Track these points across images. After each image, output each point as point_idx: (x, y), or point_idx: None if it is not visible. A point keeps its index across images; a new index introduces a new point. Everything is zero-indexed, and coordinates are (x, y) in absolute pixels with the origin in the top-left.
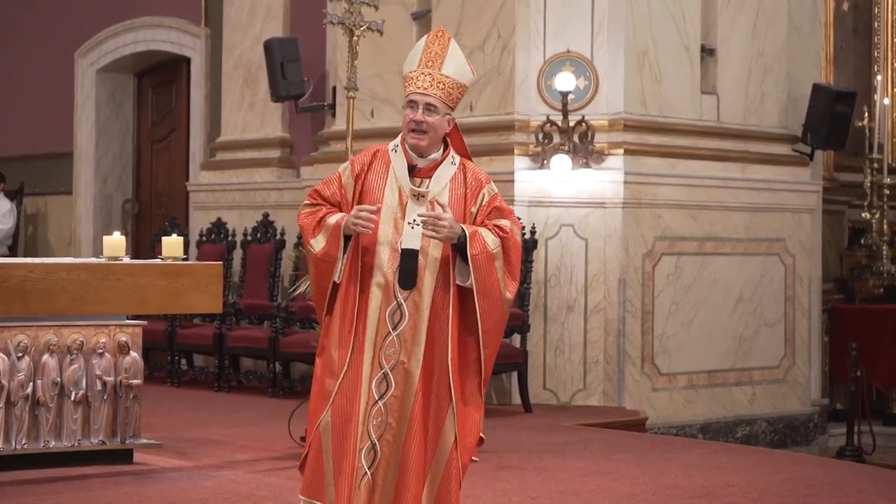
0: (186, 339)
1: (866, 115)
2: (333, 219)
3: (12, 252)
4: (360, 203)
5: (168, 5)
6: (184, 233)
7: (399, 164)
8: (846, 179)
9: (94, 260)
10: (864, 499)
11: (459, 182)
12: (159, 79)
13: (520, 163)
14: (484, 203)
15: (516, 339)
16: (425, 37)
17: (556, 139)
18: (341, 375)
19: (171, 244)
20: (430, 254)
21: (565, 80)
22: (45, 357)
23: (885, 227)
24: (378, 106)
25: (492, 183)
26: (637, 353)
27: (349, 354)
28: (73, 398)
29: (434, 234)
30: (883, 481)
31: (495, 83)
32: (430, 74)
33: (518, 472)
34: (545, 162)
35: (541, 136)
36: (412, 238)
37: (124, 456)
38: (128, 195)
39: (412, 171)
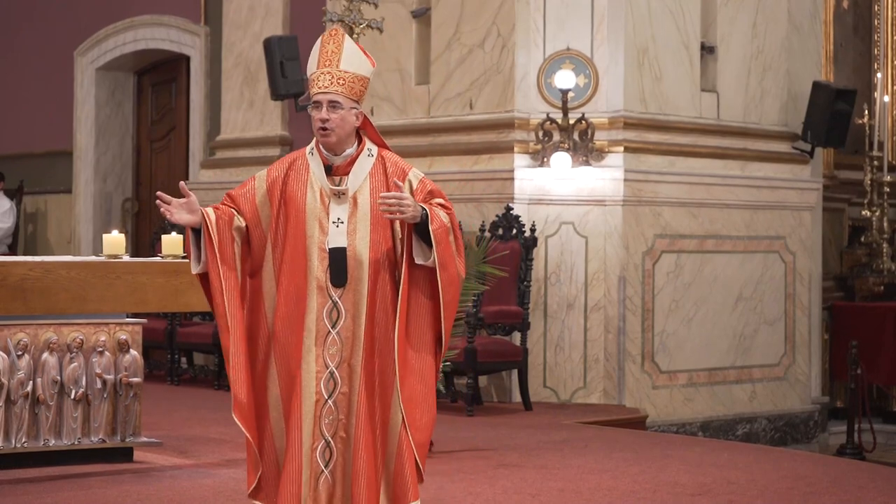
0: (186, 338)
1: (866, 112)
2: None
3: (12, 251)
4: (285, 211)
5: (167, 4)
6: (183, 231)
7: (315, 165)
8: (846, 177)
9: (93, 258)
10: (864, 496)
11: (379, 174)
12: (159, 77)
13: (520, 161)
14: (416, 189)
15: (516, 337)
16: (320, 38)
17: (556, 137)
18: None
19: (171, 242)
20: (357, 249)
21: (565, 78)
22: (45, 355)
23: (886, 224)
24: (377, 104)
25: (415, 169)
26: (637, 350)
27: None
28: (72, 396)
29: (401, 214)
30: (883, 479)
31: (495, 81)
32: (329, 73)
33: (518, 469)
34: (545, 160)
35: (541, 133)
36: (338, 236)
37: (124, 454)
38: (127, 194)
39: (329, 170)
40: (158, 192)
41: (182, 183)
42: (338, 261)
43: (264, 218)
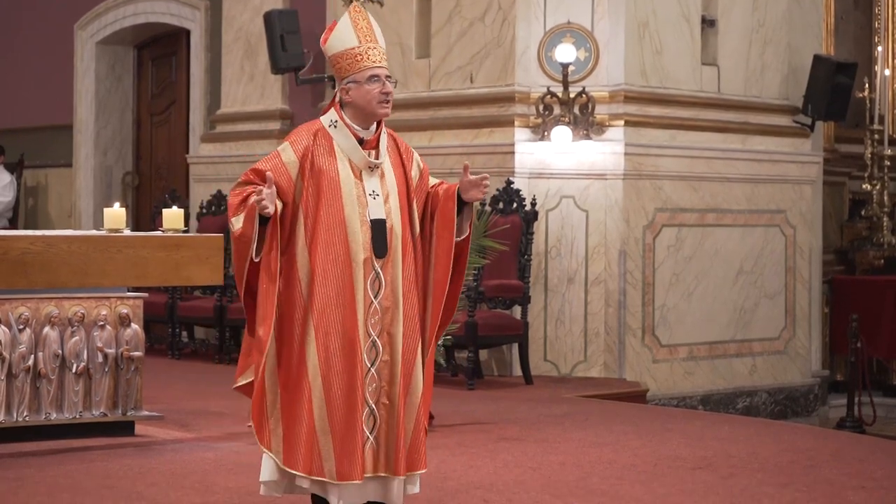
0: (187, 312)
1: (867, 86)
2: (253, 198)
3: (12, 224)
4: (314, 183)
5: None
6: (184, 205)
7: (345, 139)
8: (847, 151)
9: (94, 232)
10: (864, 469)
11: (394, 149)
12: (159, 51)
13: (520, 134)
14: (422, 168)
15: (517, 311)
16: (347, 13)
17: (557, 111)
18: (265, 356)
19: (172, 216)
20: (393, 220)
21: (566, 52)
22: (47, 329)
23: (886, 198)
24: None
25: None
26: (638, 324)
27: (273, 335)
28: (74, 370)
29: (484, 194)
30: (883, 452)
31: (495, 55)
32: (375, 48)
33: (518, 443)
34: (546, 134)
35: (541, 107)
36: (376, 208)
37: (126, 428)
38: (128, 168)
39: (361, 144)
40: (269, 174)
41: (269, 172)
42: (380, 232)
43: (297, 192)
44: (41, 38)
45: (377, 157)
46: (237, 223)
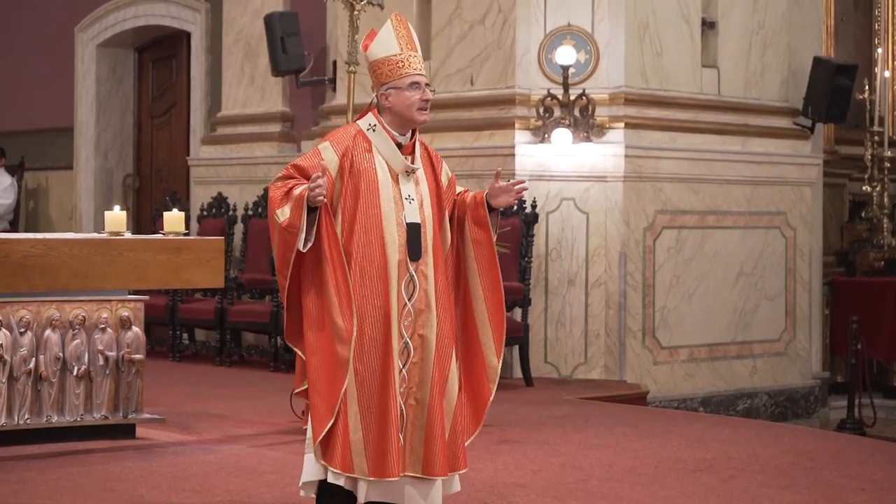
0: (188, 314)
1: (867, 87)
2: (298, 190)
3: (13, 227)
4: (353, 183)
5: None
6: (185, 207)
7: (383, 143)
8: (847, 152)
9: (95, 235)
10: (864, 471)
11: (426, 157)
12: (159, 53)
13: (520, 137)
14: (450, 176)
15: (517, 313)
16: (388, 21)
17: (557, 113)
18: (352, 344)
19: (173, 219)
20: (427, 225)
21: (566, 54)
22: (48, 332)
23: (886, 200)
24: None
25: None
26: (638, 326)
27: (355, 325)
28: (75, 373)
29: (515, 199)
30: (883, 453)
31: (496, 57)
32: (416, 57)
33: (519, 445)
34: (546, 136)
35: (541, 110)
36: (412, 212)
37: (127, 431)
38: (128, 170)
39: (399, 148)
40: (323, 163)
41: (323, 162)
42: (415, 235)
43: (336, 190)
44: (42, 40)
45: (413, 163)
46: (283, 214)
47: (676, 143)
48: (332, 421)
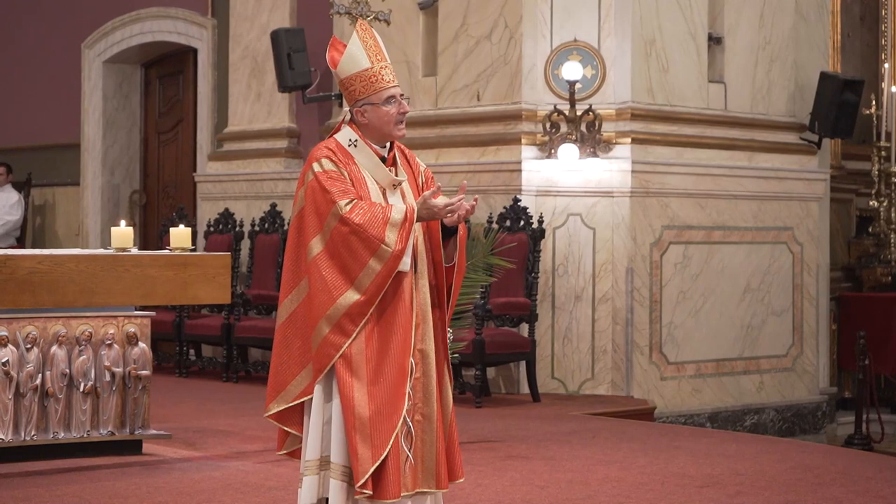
0: (195, 330)
1: (874, 103)
2: (399, 214)
3: (20, 243)
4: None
5: None
6: (191, 223)
7: (366, 158)
8: (854, 168)
9: (102, 251)
10: (872, 487)
11: (405, 163)
12: (166, 69)
13: (527, 152)
14: (423, 170)
15: (524, 329)
16: (355, 33)
17: (564, 128)
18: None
19: (180, 235)
20: (419, 238)
21: (572, 70)
22: (54, 348)
23: (893, 215)
24: None
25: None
26: (645, 342)
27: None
28: (81, 389)
29: (458, 218)
30: (891, 469)
31: (502, 73)
32: (387, 67)
33: (526, 461)
34: (552, 151)
35: (548, 125)
36: None
37: (133, 447)
38: (135, 186)
39: (383, 162)
40: (439, 185)
41: (439, 184)
42: (414, 249)
43: None
44: (48, 56)
45: (397, 175)
46: (392, 242)
47: (683, 159)
48: (384, 454)
